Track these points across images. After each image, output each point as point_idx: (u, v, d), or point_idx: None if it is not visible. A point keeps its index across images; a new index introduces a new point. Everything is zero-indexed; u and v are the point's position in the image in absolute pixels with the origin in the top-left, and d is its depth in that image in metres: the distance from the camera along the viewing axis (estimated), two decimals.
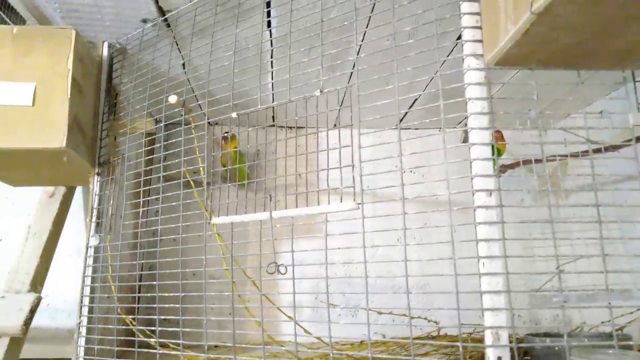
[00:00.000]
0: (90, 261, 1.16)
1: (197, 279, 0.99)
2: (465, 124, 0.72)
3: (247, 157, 1.73)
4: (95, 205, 1.20)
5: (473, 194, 0.69)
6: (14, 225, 1.63)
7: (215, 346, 1.72)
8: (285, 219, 0.86)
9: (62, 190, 1.48)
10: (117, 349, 1.04)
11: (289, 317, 0.92)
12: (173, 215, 1.00)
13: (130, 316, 1.13)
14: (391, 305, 1.03)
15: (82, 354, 1.11)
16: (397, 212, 0.75)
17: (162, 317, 0.98)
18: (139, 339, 1.04)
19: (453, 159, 0.71)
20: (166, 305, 0.98)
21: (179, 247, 0.96)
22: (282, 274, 0.84)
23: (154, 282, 1.00)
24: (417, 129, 1.94)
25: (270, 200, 0.87)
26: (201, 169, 1.03)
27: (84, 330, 1.12)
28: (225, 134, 1.59)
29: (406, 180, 0.77)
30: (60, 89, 1.09)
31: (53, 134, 1.06)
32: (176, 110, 1.08)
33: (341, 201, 0.79)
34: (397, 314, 1.11)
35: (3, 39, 1.10)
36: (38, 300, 1.25)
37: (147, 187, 1.13)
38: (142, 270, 1.04)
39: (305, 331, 1.02)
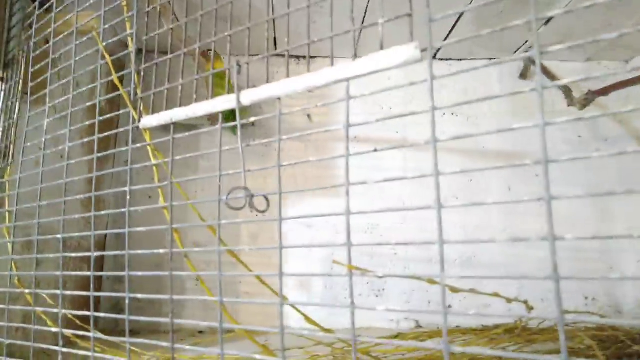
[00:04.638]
0: None
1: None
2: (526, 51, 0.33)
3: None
4: None
5: None
6: None
7: (200, 332, 1.37)
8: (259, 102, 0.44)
9: None
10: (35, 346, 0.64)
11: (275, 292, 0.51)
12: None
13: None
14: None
15: None
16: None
17: (134, 295, 0.58)
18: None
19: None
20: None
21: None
22: (260, 211, 0.43)
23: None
24: (459, 59, 1.49)
25: (239, 73, 0.45)
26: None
27: None
28: (207, 50, 1.17)
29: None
30: None
31: None
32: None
33: None
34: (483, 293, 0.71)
35: None
36: None
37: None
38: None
39: (309, 320, 0.61)
